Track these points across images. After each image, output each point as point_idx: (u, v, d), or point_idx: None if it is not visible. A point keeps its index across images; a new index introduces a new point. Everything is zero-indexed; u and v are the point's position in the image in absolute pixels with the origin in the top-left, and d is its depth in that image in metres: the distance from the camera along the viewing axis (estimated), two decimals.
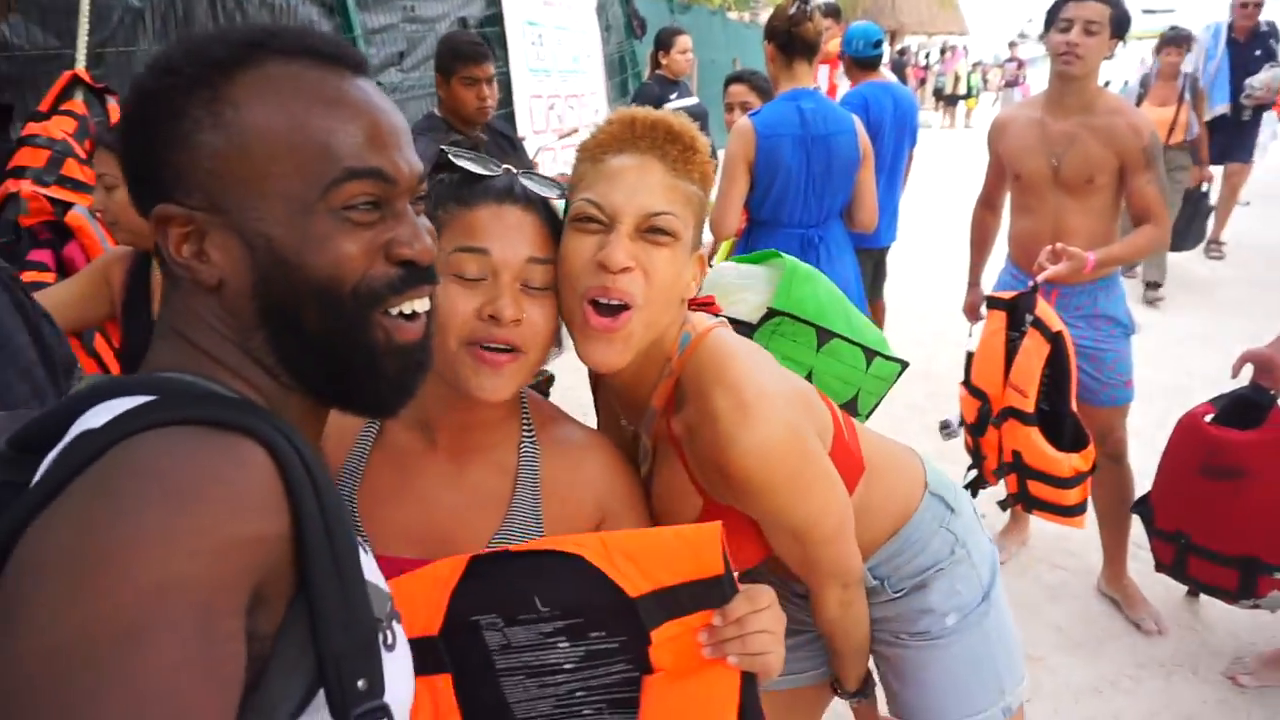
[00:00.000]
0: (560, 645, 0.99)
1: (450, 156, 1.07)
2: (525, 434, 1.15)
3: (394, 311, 0.72)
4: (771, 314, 1.38)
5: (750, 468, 1.07)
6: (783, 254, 1.45)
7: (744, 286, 1.44)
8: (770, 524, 1.17)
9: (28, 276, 2.29)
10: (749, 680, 1.00)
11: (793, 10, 2.83)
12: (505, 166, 1.10)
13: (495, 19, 5.87)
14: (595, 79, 7.44)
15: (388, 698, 0.62)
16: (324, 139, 0.67)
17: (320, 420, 0.77)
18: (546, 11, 6.63)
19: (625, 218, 1.05)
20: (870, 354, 1.46)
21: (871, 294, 4.57)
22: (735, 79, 4.01)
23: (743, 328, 1.37)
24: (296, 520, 0.59)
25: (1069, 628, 2.85)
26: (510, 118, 5.77)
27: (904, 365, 1.53)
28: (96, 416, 0.60)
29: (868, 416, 1.56)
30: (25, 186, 2.47)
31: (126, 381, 0.65)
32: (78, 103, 2.73)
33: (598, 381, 1.35)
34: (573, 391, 2.46)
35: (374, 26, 4.90)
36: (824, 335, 1.39)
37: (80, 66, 2.90)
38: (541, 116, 6.39)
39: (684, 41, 5.24)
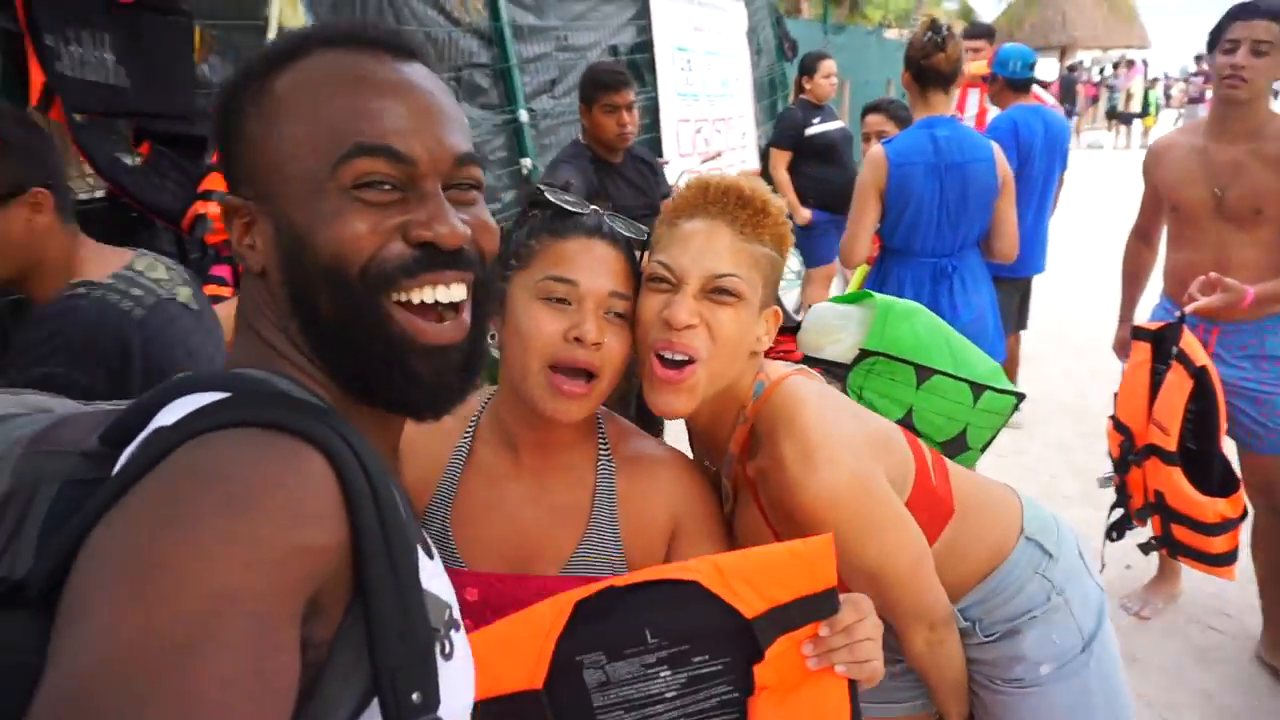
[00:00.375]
0: (662, 674, 0.98)
1: (546, 194, 1.17)
2: (602, 451, 1.22)
3: (415, 299, 0.68)
4: (865, 354, 1.40)
5: (818, 511, 1.10)
6: (875, 294, 1.46)
7: (840, 327, 1.47)
8: (844, 566, 1.18)
9: (208, 290, 2.56)
10: (854, 689, 1.01)
11: (925, 40, 2.78)
12: (593, 208, 1.19)
13: (645, 46, 6.02)
14: (744, 102, 7.48)
15: (443, 710, 0.61)
16: (340, 116, 0.66)
17: (375, 418, 0.73)
18: (696, 37, 6.73)
19: (691, 279, 1.12)
20: (978, 388, 1.44)
21: (1017, 325, 4.39)
22: (873, 108, 3.99)
23: (839, 368, 1.39)
24: (354, 529, 0.58)
25: (1219, 695, 2.62)
26: (656, 142, 5.90)
27: (1020, 398, 1.50)
28: (171, 412, 0.61)
29: (983, 450, 1.53)
30: (211, 208, 2.77)
31: (203, 377, 0.65)
32: None
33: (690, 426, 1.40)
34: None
35: (529, 55, 5.13)
36: (923, 372, 1.39)
37: None
38: (688, 140, 6.48)
39: (828, 66, 5.22)
